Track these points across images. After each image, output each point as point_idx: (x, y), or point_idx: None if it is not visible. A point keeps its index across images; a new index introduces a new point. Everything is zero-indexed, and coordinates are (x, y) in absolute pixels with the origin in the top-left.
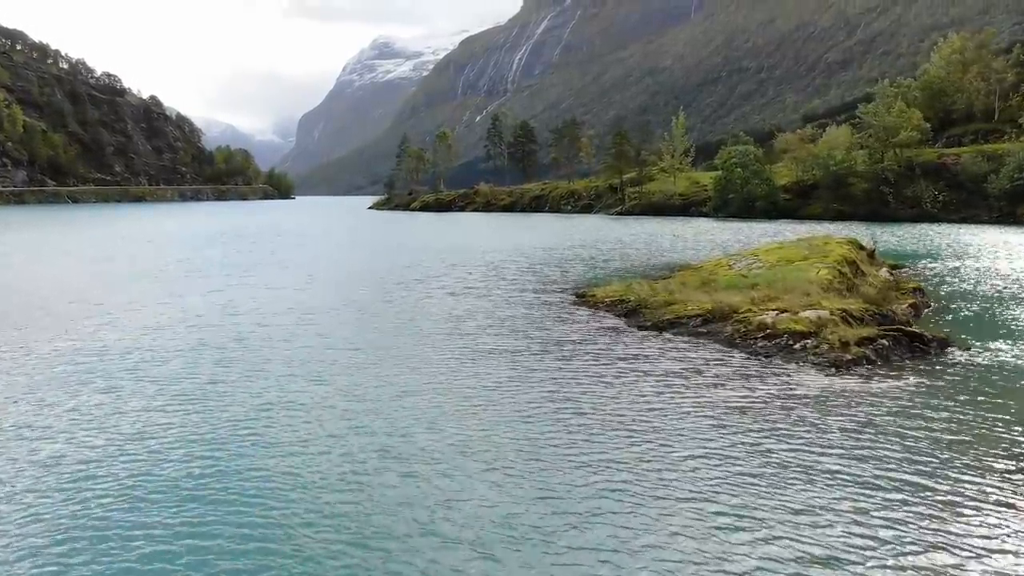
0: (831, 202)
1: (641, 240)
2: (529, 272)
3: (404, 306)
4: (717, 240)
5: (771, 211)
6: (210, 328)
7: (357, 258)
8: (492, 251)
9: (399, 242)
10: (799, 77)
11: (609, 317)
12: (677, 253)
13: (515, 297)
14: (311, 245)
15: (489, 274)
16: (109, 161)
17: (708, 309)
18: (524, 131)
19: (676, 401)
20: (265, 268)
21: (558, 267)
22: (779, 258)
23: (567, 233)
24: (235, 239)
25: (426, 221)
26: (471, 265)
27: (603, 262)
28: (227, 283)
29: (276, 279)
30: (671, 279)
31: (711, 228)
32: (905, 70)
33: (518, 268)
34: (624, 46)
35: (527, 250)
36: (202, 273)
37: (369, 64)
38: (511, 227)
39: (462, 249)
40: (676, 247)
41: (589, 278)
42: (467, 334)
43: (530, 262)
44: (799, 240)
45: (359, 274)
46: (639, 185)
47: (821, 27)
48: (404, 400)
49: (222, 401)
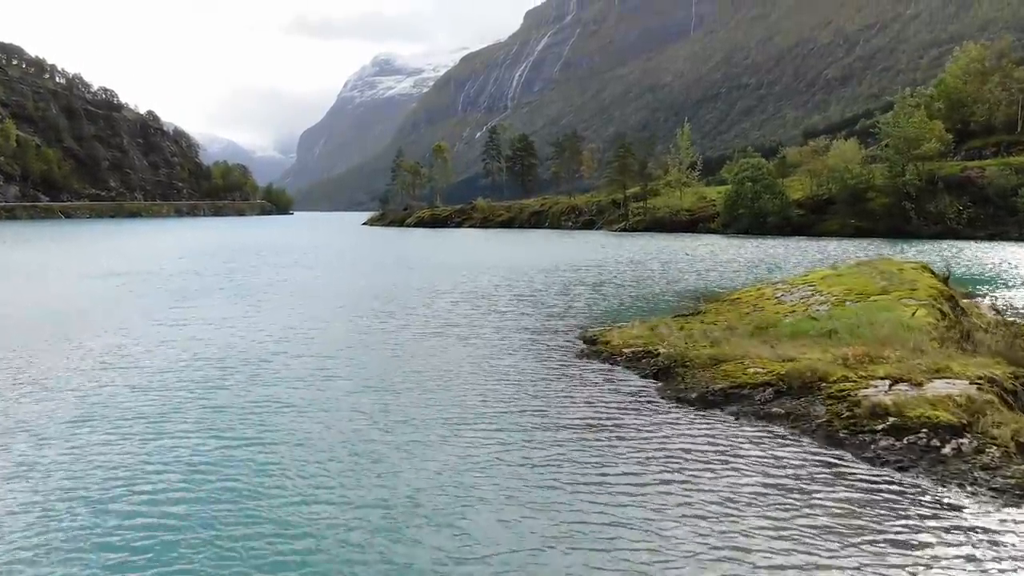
0: (848, 218)
1: (653, 259)
2: (526, 302)
3: (364, 357)
4: (739, 259)
5: (784, 227)
6: (126, 375)
7: (324, 284)
8: (485, 273)
9: (381, 262)
10: (799, 93)
11: (632, 378)
12: (698, 276)
13: (506, 341)
14: (275, 268)
15: (478, 305)
16: (104, 176)
17: (779, 374)
18: (523, 144)
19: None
20: (213, 296)
21: (561, 295)
22: (846, 289)
23: (569, 251)
24: (201, 258)
25: (419, 238)
26: (458, 292)
27: (613, 288)
28: (160, 316)
29: (217, 309)
30: (703, 315)
31: (725, 246)
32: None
33: (513, 296)
34: (624, 63)
35: (525, 272)
36: (141, 305)
37: (370, 81)
38: (508, 245)
39: (451, 271)
40: (695, 268)
41: (599, 312)
42: (435, 406)
43: (528, 287)
44: (860, 265)
45: (319, 305)
46: (643, 200)
47: (820, 44)
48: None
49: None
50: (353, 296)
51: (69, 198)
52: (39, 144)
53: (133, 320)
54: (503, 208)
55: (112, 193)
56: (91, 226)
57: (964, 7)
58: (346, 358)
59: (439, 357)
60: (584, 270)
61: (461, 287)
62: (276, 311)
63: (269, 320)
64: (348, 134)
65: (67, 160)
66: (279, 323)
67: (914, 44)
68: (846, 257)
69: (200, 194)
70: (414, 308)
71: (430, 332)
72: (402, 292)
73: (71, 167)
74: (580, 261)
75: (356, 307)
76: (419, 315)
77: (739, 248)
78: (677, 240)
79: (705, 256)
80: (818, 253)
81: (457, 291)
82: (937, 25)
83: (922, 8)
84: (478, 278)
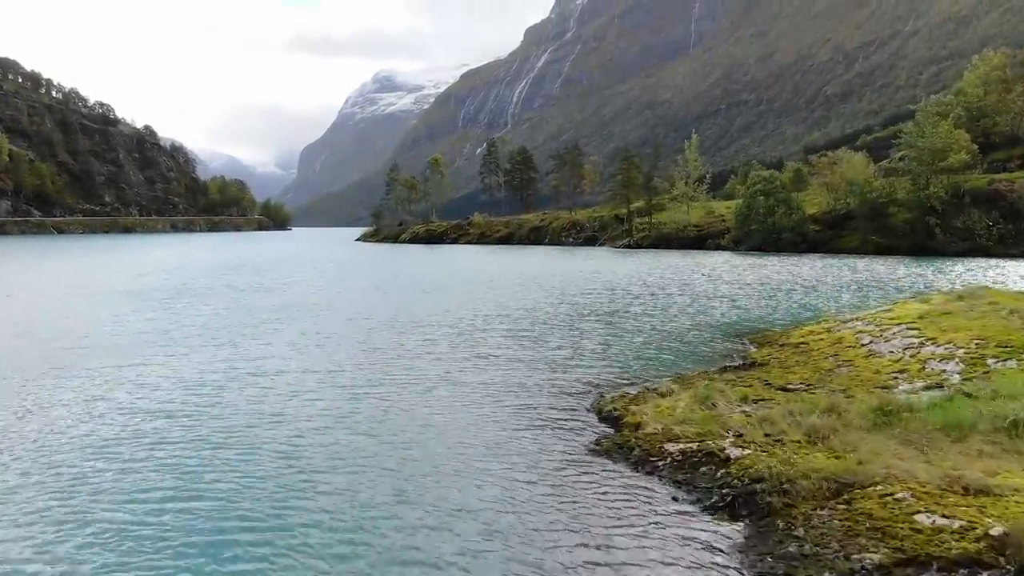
0: (868, 234)
1: (668, 281)
2: (522, 343)
3: (291, 438)
4: (767, 281)
5: (800, 244)
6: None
7: (283, 317)
8: (475, 299)
9: (358, 284)
10: (798, 109)
11: (689, 513)
12: (729, 303)
13: (491, 414)
14: (234, 292)
15: (458, 347)
16: (99, 191)
17: (987, 533)
18: (522, 157)
19: None
20: (150, 342)
21: (565, 331)
22: (974, 337)
23: (572, 271)
24: (164, 274)
25: (412, 255)
26: (438, 327)
27: (630, 321)
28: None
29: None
30: (763, 368)
31: (743, 265)
32: (905, 102)
33: (506, 334)
34: (624, 79)
35: (521, 298)
36: (103, 344)
37: (371, 97)
38: (505, 263)
39: (436, 295)
40: (720, 292)
41: (616, 358)
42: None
43: (525, 319)
44: (963, 297)
45: (261, 351)
46: (648, 215)
47: (819, 60)
48: None
49: None
50: (308, 341)
51: (62, 213)
52: (32, 158)
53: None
54: (501, 224)
55: (107, 208)
56: (82, 242)
57: (963, 24)
58: (269, 439)
59: (388, 449)
60: (593, 295)
61: (443, 319)
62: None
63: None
64: (349, 150)
65: (61, 175)
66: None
67: (913, 61)
68: (887, 278)
69: (196, 209)
70: (379, 352)
71: (391, 395)
72: (373, 327)
73: (65, 182)
74: (586, 282)
75: (307, 353)
76: (384, 362)
77: (760, 267)
78: (687, 257)
79: (727, 277)
80: (849, 272)
81: (438, 324)
82: (936, 42)
83: (921, 25)
84: (465, 306)
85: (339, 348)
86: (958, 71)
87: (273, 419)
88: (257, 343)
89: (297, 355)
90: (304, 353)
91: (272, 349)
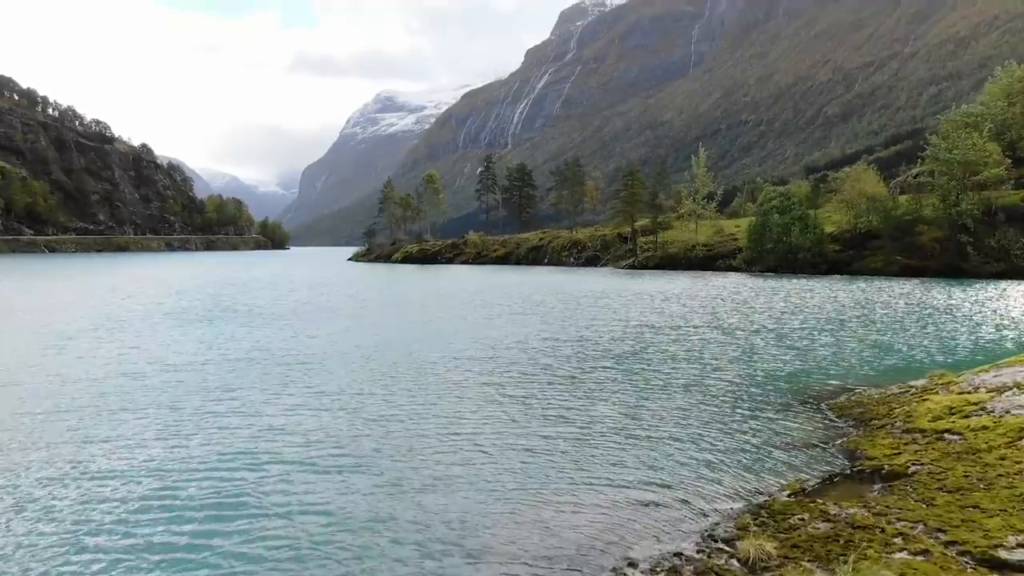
0: (894, 254)
1: (690, 310)
2: (517, 428)
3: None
4: (804, 308)
5: (819, 264)
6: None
7: (200, 379)
8: (463, 344)
9: (326, 319)
10: (799, 130)
11: None
12: (779, 342)
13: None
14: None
15: (423, 446)
16: (93, 209)
17: None
18: (520, 173)
19: None
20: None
21: (583, 399)
22: None
23: (578, 295)
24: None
25: (400, 277)
26: (417, 381)
27: (656, 373)
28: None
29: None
30: (917, 490)
31: (763, 288)
32: (905, 123)
33: (496, 409)
34: (624, 100)
35: (521, 338)
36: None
37: (372, 117)
38: (502, 287)
39: (412, 336)
40: (759, 324)
41: (636, 456)
42: None
43: (531, 377)
44: None
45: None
46: (653, 234)
47: (819, 81)
48: None
49: None
50: (237, 407)
51: (55, 231)
52: (24, 176)
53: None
54: (498, 243)
55: (100, 227)
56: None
57: (961, 45)
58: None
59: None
60: (601, 329)
61: (419, 381)
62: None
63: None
64: (350, 169)
65: (55, 193)
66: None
67: (913, 81)
68: (945, 304)
69: (192, 228)
70: (314, 446)
71: (314, 529)
72: (319, 402)
73: (59, 200)
74: (591, 310)
75: (216, 439)
76: (316, 457)
77: (786, 291)
78: (699, 279)
79: (755, 303)
80: (896, 298)
81: (415, 373)
82: (935, 63)
83: (920, 47)
84: (448, 360)
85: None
86: (958, 91)
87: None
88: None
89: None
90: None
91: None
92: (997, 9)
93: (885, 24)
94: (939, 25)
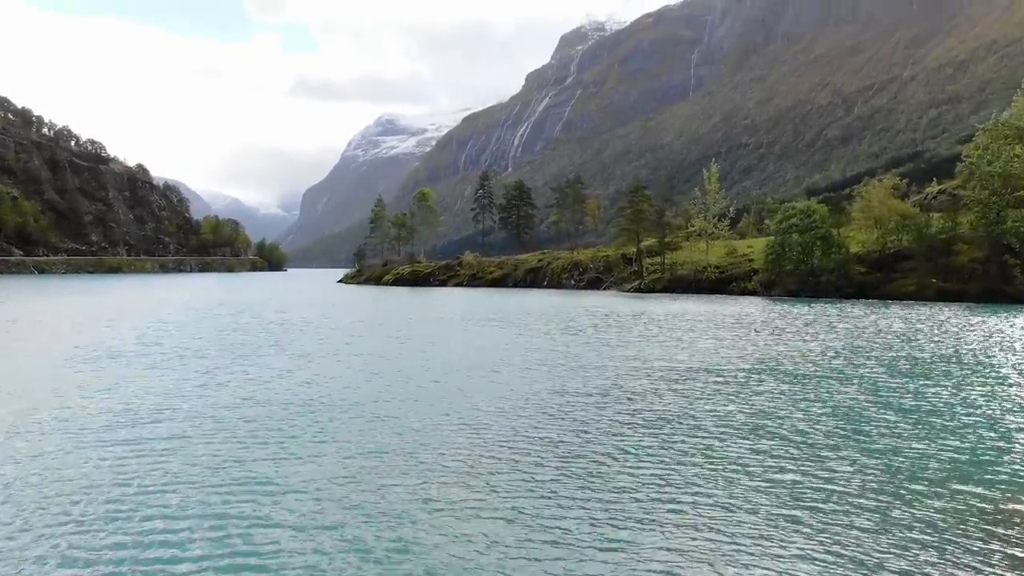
0: (929, 276)
1: (742, 355)
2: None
3: None
4: (889, 354)
5: (844, 288)
6: None
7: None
8: (438, 416)
9: (261, 359)
10: (799, 152)
11: None
12: (897, 409)
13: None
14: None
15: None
16: (86, 230)
17: None
18: (519, 191)
19: None
20: None
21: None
22: None
23: (588, 326)
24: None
25: (385, 301)
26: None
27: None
28: None
29: None
30: None
31: (795, 315)
32: (906, 145)
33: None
34: (624, 123)
35: (524, 398)
36: None
37: (373, 140)
38: (499, 314)
39: (379, 389)
40: (847, 373)
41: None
42: None
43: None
44: None
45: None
46: (660, 255)
47: (818, 105)
48: None
49: None
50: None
51: (46, 252)
52: (15, 196)
53: None
54: (494, 264)
55: (93, 247)
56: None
57: (960, 69)
58: None
59: None
60: (637, 382)
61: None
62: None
63: None
64: (351, 192)
65: (46, 213)
66: None
67: (912, 105)
68: (993, 332)
69: (188, 249)
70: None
71: None
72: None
73: (50, 220)
74: (612, 350)
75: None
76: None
77: (829, 320)
78: (715, 304)
79: (815, 352)
80: (971, 332)
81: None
82: (935, 87)
83: (918, 70)
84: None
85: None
86: (958, 114)
87: None
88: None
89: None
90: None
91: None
92: (995, 34)
93: (883, 48)
94: (937, 49)
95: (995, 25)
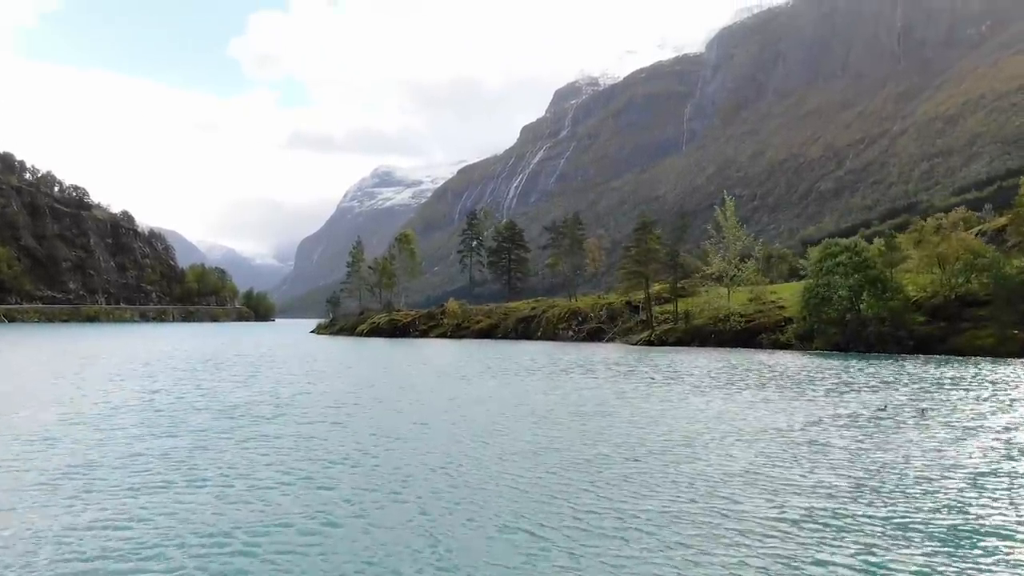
0: (1009, 327)
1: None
2: None
3: None
4: None
5: (904, 340)
6: None
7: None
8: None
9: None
10: (792, 204)
11: None
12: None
13: None
14: None
15: None
16: (63, 277)
17: None
18: (509, 232)
19: None
20: None
21: None
22: None
23: (616, 422)
24: None
25: (348, 358)
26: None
27: None
28: None
29: None
30: None
31: (886, 377)
32: (899, 198)
33: None
34: (618, 175)
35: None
36: None
37: (370, 191)
38: (491, 385)
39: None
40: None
41: None
42: None
43: None
44: None
45: None
46: (672, 302)
47: (811, 158)
48: None
49: None
50: None
51: (19, 300)
52: None
53: None
54: (482, 313)
55: (70, 296)
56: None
57: (950, 123)
58: None
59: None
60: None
61: None
62: None
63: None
64: (346, 242)
65: (22, 259)
66: None
67: (904, 158)
68: None
69: (172, 298)
70: None
71: None
72: None
73: (25, 267)
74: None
75: None
76: None
77: (950, 387)
78: (746, 359)
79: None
80: None
81: None
82: (925, 140)
83: (908, 125)
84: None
85: None
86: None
87: None
88: None
89: None
90: None
91: None
92: (983, 88)
93: (873, 103)
94: (927, 104)
95: (982, 80)
